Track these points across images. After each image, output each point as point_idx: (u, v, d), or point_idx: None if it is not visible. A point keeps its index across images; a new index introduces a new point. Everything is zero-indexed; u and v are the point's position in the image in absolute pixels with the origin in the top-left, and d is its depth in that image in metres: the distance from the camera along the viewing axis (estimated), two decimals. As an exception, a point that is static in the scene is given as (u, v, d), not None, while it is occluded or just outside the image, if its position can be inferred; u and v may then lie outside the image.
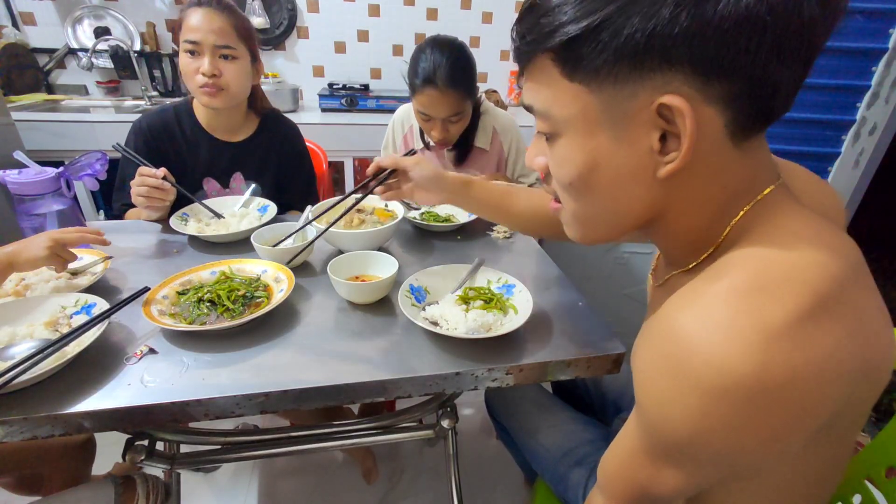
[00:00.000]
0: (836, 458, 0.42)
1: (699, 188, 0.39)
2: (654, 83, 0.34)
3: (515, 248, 1.03)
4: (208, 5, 1.01)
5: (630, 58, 0.34)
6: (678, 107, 0.34)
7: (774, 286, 0.33)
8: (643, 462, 0.41)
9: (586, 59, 0.36)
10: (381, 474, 1.34)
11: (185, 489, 0.89)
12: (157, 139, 1.10)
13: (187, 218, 1.03)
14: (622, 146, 0.38)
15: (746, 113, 0.35)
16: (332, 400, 0.62)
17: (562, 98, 0.39)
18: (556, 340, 0.71)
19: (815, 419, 0.33)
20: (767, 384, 0.31)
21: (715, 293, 0.34)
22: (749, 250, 0.37)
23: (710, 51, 0.32)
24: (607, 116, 0.37)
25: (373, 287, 0.76)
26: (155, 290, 0.73)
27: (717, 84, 0.34)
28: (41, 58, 2.10)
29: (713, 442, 0.34)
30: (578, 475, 0.76)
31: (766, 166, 0.40)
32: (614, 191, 0.41)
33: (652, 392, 0.37)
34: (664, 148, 0.37)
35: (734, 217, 0.39)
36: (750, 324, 0.32)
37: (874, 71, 1.39)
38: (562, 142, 0.41)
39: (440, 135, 1.16)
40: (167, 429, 0.82)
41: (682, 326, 0.35)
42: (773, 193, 0.39)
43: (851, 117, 1.46)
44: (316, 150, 1.47)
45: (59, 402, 0.56)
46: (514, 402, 0.92)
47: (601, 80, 0.36)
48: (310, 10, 2.21)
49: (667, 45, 0.33)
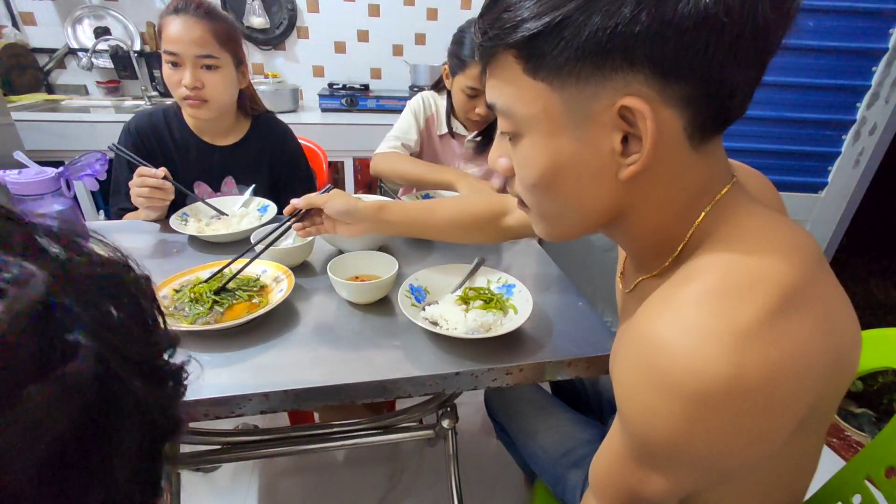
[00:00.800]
0: (813, 446, 0.43)
1: (660, 189, 0.39)
2: (615, 84, 0.34)
3: (515, 248, 1.03)
4: (185, 12, 0.97)
5: (592, 56, 0.34)
6: (639, 109, 0.34)
7: (743, 287, 0.34)
8: (631, 468, 0.41)
9: (549, 57, 0.35)
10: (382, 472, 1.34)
11: (185, 489, 0.89)
12: (145, 142, 1.09)
13: (187, 218, 1.03)
14: (585, 147, 0.38)
15: (704, 115, 0.35)
16: (333, 400, 0.62)
17: (524, 96, 0.38)
18: (555, 340, 0.71)
19: (795, 414, 0.34)
20: (746, 384, 0.31)
21: (685, 298, 0.35)
22: (714, 253, 0.37)
23: (669, 51, 0.32)
24: (570, 117, 0.37)
25: (373, 287, 0.76)
26: (155, 289, 0.73)
27: (676, 85, 0.34)
28: (41, 58, 2.10)
29: (699, 448, 0.34)
30: (576, 476, 0.76)
31: (721, 167, 0.41)
32: (577, 191, 0.41)
33: (634, 402, 0.38)
34: (626, 150, 0.37)
35: (695, 218, 0.40)
36: (723, 326, 0.32)
37: (874, 71, 1.39)
38: (524, 142, 0.41)
39: (485, 110, 1.17)
40: (167, 429, 0.82)
41: (657, 335, 0.35)
42: (730, 193, 0.40)
43: (851, 117, 1.46)
44: (316, 150, 1.46)
45: (59, 402, 0.56)
46: (512, 402, 0.92)
47: (563, 79, 0.36)
48: (310, 10, 2.21)
49: (628, 44, 0.33)
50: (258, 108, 1.20)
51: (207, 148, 1.14)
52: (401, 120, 1.32)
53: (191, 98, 1.01)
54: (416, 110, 1.32)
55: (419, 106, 1.32)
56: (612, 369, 0.42)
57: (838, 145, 1.50)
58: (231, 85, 1.07)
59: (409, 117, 1.31)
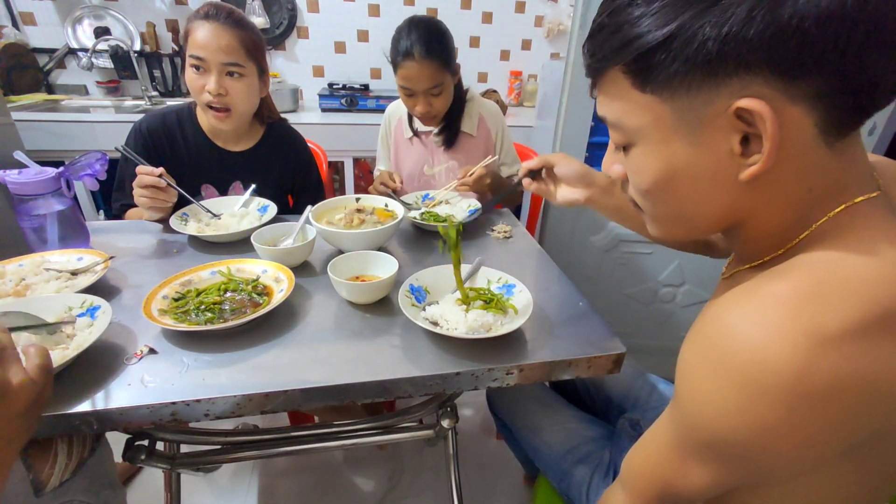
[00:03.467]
0: (873, 484, 0.40)
1: (784, 191, 0.37)
2: (730, 88, 0.33)
3: (515, 248, 1.03)
4: (216, 19, 0.98)
5: (703, 66, 0.33)
6: (758, 111, 0.32)
7: (834, 294, 0.32)
8: (671, 457, 0.41)
9: (657, 71, 0.35)
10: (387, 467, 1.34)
11: (185, 489, 0.89)
12: (156, 143, 1.09)
13: (187, 218, 1.03)
14: (700, 151, 0.37)
15: (841, 109, 0.33)
16: (333, 400, 0.62)
17: (634, 109, 0.39)
18: (556, 340, 0.71)
19: (852, 433, 0.33)
20: (808, 388, 0.30)
21: (770, 293, 0.34)
22: (818, 255, 0.35)
23: (790, 51, 0.31)
24: (682, 124, 0.37)
25: (373, 287, 0.76)
26: (155, 290, 0.73)
27: (804, 83, 0.32)
28: (41, 58, 2.10)
29: (746, 440, 0.34)
30: (582, 472, 0.76)
31: (860, 170, 0.38)
32: (694, 195, 0.40)
33: (691, 383, 0.37)
34: (746, 150, 0.35)
35: (816, 220, 0.38)
36: (800, 326, 0.31)
37: (874, 71, 1.40)
38: (636, 151, 0.41)
39: (423, 108, 1.19)
40: (167, 429, 0.82)
41: (731, 322, 0.34)
42: (868, 203, 0.37)
43: (851, 117, 1.46)
44: (316, 150, 1.47)
45: (58, 402, 0.56)
46: (516, 399, 0.92)
47: (674, 90, 0.36)
48: (310, 10, 2.21)
49: (741, 50, 0.32)
50: (274, 115, 1.21)
51: (219, 152, 1.14)
52: (379, 133, 1.43)
53: (214, 106, 1.02)
54: (384, 125, 1.41)
55: (385, 119, 1.41)
56: (681, 352, 0.40)
57: (838, 145, 1.50)
58: (254, 94, 1.08)
59: (383, 129, 1.41)
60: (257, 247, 0.85)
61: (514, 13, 2.38)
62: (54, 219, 0.85)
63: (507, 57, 2.43)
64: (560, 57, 2.44)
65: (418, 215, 1.11)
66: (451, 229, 0.73)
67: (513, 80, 2.47)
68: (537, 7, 2.37)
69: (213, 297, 0.74)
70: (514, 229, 1.10)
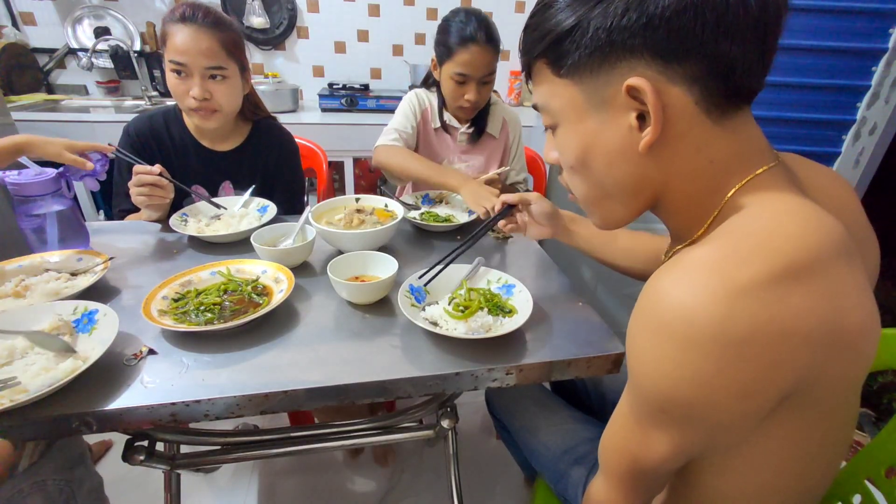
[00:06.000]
0: (820, 437, 0.42)
1: (685, 161, 0.43)
2: (621, 71, 0.40)
3: (515, 248, 1.03)
4: (193, 21, 0.95)
5: (599, 51, 0.41)
6: (640, 86, 0.39)
7: (747, 252, 0.36)
8: (633, 428, 0.44)
9: (567, 57, 0.43)
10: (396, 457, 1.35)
11: (185, 489, 0.89)
12: (144, 145, 1.08)
13: (187, 218, 1.03)
14: (607, 127, 0.44)
15: (712, 90, 0.39)
16: (332, 400, 0.62)
17: (555, 93, 0.46)
18: (555, 340, 0.71)
19: (781, 378, 0.35)
20: (731, 336, 0.34)
21: (692, 258, 0.38)
22: (733, 223, 0.40)
23: (660, 38, 0.38)
24: (591, 103, 0.44)
25: (373, 287, 0.76)
26: (154, 290, 0.73)
27: (677, 66, 0.39)
28: (41, 58, 2.10)
29: (688, 395, 0.37)
30: (578, 473, 0.76)
31: (757, 146, 0.43)
32: (608, 168, 0.46)
33: (636, 352, 0.41)
34: (642, 125, 0.42)
35: (727, 193, 0.43)
36: (718, 282, 0.35)
37: (874, 71, 1.39)
38: (560, 131, 0.49)
39: (475, 96, 1.20)
40: (167, 429, 0.82)
41: (661, 288, 0.38)
42: (769, 173, 0.42)
43: (851, 117, 1.46)
44: (316, 150, 1.46)
45: (58, 402, 0.56)
46: (514, 400, 0.92)
47: (581, 73, 0.43)
48: (310, 10, 2.21)
49: (624, 36, 0.39)
50: (261, 112, 1.20)
51: (207, 152, 1.13)
52: (398, 114, 1.33)
53: (199, 109, 1.01)
54: (413, 104, 1.33)
55: (414, 101, 1.33)
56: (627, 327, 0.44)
57: (838, 145, 1.50)
58: (238, 93, 1.07)
59: (407, 110, 1.32)
60: (257, 247, 0.85)
61: (514, 13, 2.38)
62: (54, 219, 0.85)
63: (507, 57, 2.43)
64: (560, 57, 2.44)
65: (418, 215, 1.11)
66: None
67: (513, 80, 2.47)
68: (537, 7, 2.37)
69: (212, 298, 0.74)
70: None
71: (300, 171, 1.28)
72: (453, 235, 1.07)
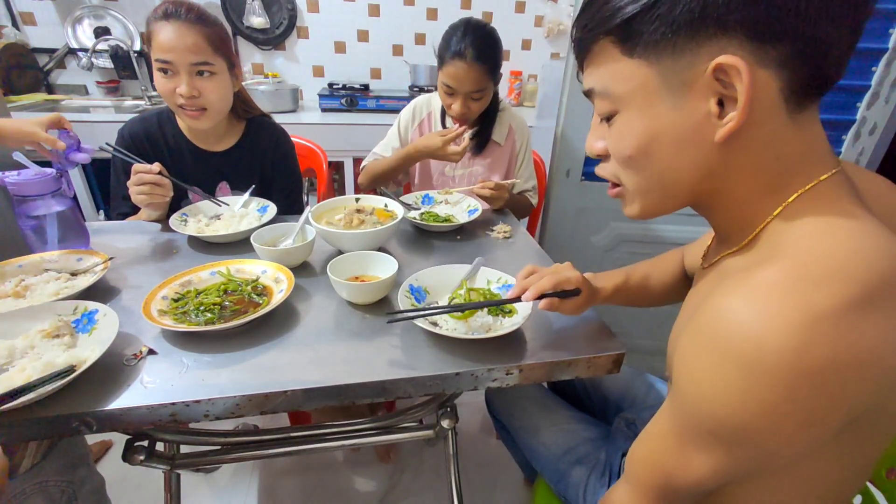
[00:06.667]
0: (859, 462, 0.41)
1: (754, 155, 0.40)
2: (710, 50, 0.37)
3: (515, 248, 1.03)
4: (177, 17, 0.94)
5: (687, 27, 0.37)
6: (734, 65, 0.35)
7: (823, 276, 0.33)
8: (672, 446, 0.42)
9: (644, 35, 0.39)
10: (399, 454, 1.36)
11: (185, 489, 0.89)
12: (139, 147, 1.07)
13: (187, 218, 1.03)
14: (681, 113, 0.40)
15: (800, 76, 0.37)
16: (333, 400, 0.62)
17: (621, 75, 0.42)
18: (555, 340, 0.71)
19: (850, 407, 0.34)
20: (807, 365, 0.32)
21: (763, 279, 0.35)
22: (801, 238, 0.38)
23: (761, 13, 0.35)
24: (666, 86, 0.40)
25: (373, 287, 0.76)
26: (154, 290, 0.73)
27: (771, 47, 0.36)
28: (41, 58, 2.10)
29: (749, 422, 0.34)
30: (579, 473, 0.76)
31: (821, 147, 0.41)
32: (673, 158, 0.42)
33: (692, 372, 0.38)
34: (721, 112, 0.38)
35: (788, 196, 0.40)
36: (795, 307, 0.33)
37: (874, 71, 1.39)
38: (621, 117, 0.44)
39: (460, 109, 1.19)
40: (167, 429, 0.82)
41: (728, 309, 0.35)
42: (831, 181, 0.40)
43: (851, 117, 1.46)
44: (316, 150, 1.46)
45: (58, 403, 0.56)
46: (514, 400, 0.92)
47: (660, 52, 0.39)
48: (310, 10, 2.21)
49: (720, 12, 0.35)
50: (252, 110, 1.18)
51: (202, 154, 1.12)
52: (388, 133, 1.38)
53: (188, 108, 0.99)
54: (406, 120, 1.37)
55: (409, 115, 1.36)
56: (677, 341, 0.41)
57: (838, 145, 1.50)
58: (227, 90, 1.05)
59: (394, 133, 1.37)
60: (257, 247, 0.85)
61: (514, 13, 2.38)
62: (54, 219, 0.85)
63: (507, 57, 2.43)
64: (560, 57, 2.44)
65: (418, 215, 1.11)
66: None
67: (513, 80, 2.47)
68: (537, 7, 2.37)
69: (212, 298, 0.74)
70: (514, 229, 1.10)
71: (297, 168, 1.27)
72: (453, 235, 1.07)
